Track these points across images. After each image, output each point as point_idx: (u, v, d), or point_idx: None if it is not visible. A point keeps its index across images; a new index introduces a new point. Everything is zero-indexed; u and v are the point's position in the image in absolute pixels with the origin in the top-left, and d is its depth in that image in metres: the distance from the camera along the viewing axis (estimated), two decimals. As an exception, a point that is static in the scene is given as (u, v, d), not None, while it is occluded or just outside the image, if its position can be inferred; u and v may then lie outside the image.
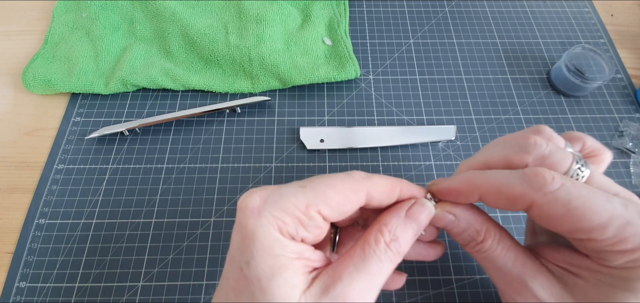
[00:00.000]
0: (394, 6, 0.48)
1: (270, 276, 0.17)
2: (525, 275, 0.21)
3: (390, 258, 0.19)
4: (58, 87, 0.38)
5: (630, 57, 0.44)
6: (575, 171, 0.20)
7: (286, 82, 0.40)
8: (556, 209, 0.19)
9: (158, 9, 0.42)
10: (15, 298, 0.30)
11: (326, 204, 0.19)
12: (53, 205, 0.33)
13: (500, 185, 0.20)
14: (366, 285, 0.18)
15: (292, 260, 0.18)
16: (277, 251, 0.18)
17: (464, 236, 0.22)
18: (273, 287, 0.17)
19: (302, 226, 0.19)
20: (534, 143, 0.20)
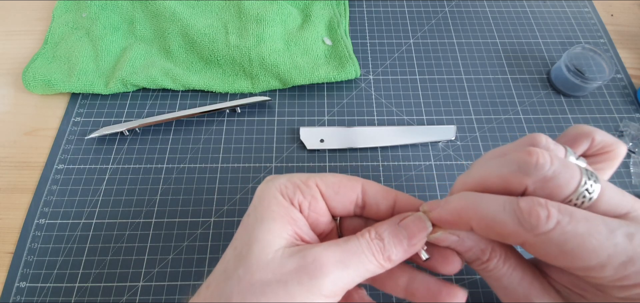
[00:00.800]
0: (394, 6, 0.48)
1: (260, 221, 0.19)
2: (531, 296, 0.20)
3: (372, 251, 0.19)
4: (58, 87, 0.38)
5: (630, 57, 0.44)
6: (582, 193, 0.18)
7: (286, 82, 0.40)
8: (550, 250, 0.17)
9: (158, 9, 0.42)
10: (16, 298, 0.30)
11: (323, 181, 0.21)
12: (53, 205, 0.33)
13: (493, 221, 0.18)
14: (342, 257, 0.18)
15: (283, 217, 0.20)
16: (273, 207, 0.20)
17: (469, 255, 0.21)
18: (258, 230, 0.19)
19: (299, 192, 0.21)
20: (536, 162, 0.18)
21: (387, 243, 0.19)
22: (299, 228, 0.20)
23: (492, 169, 0.20)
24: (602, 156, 0.22)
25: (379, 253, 0.19)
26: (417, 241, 0.20)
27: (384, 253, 0.19)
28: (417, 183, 0.35)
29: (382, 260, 0.19)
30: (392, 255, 0.19)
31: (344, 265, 0.18)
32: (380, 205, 0.22)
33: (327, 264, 0.18)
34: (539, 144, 0.20)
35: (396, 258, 0.20)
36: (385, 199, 0.22)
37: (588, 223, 0.17)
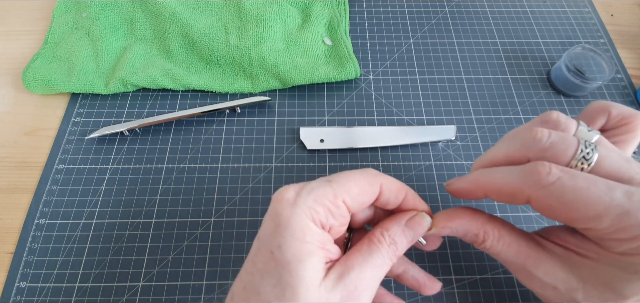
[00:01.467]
0: (394, 6, 0.48)
1: (299, 259, 0.18)
2: (528, 265, 0.22)
3: (389, 256, 0.21)
4: (58, 87, 0.38)
5: (630, 57, 0.44)
6: (580, 159, 0.20)
7: (286, 82, 0.40)
8: (551, 202, 0.20)
9: (158, 9, 0.42)
10: (16, 298, 0.30)
11: (349, 195, 0.21)
12: (53, 205, 0.33)
13: (502, 183, 0.21)
14: (372, 273, 0.20)
15: (318, 248, 0.19)
16: (308, 238, 0.19)
17: (467, 239, 0.24)
18: (301, 269, 0.18)
19: (331, 215, 0.20)
20: (533, 137, 0.21)
21: (399, 246, 0.22)
22: (328, 250, 0.20)
23: (500, 148, 0.23)
24: (622, 128, 0.23)
25: (394, 255, 0.22)
26: (419, 236, 0.23)
27: (396, 254, 0.22)
28: (417, 183, 0.35)
29: (395, 259, 0.22)
30: (399, 250, 0.22)
31: (376, 279, 0.20)
32: (391, 202, 0.23)
33: (365, 284, 0.20)
34: (550, 120, 0.22)
35: (402, 253, 0.22)
36: (397, 198, 0.23)
37: (587, 180, 0.19)
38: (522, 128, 0.23)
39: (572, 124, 0.22)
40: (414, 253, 0.32)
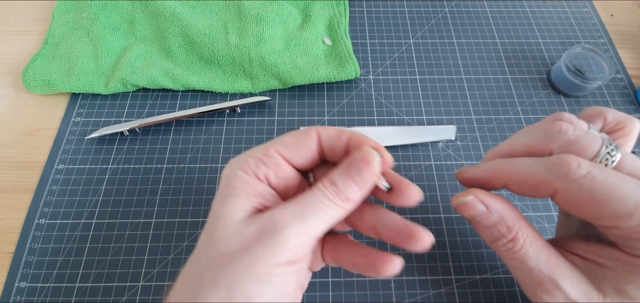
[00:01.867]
0: (394, 6, 0.48)
1: (223, 201, 0.20)
2: (557, 276, 0.21)
3: (327, 197, 0.19)
4: (58, 87, 0.38)
5: (630, 57, 0.44)
6: (604, 156, 0.20)
7: (286, 82, 0.40)
8: (581, 196, 0.19)
9: (158, 9, 0.42)
10: (16, 298, 0.30)
11: (282, 144, 0.22)
12: (53, 205, 0.33)
13: (525, 173, 0.21)
14: (295, 211, 0.19)
15: (247, 192, 0.20)
16: (237, 184, 0.20)
17: (493, 232, 0.22)
18: (222, 209, 0.20)
19: (263, 164, 0.21)
20: (559, 129, 0.21)
21: (341, 186, 0.20)
22: (266, 199, 0.21)
23: (519, 139, 0.23)
24: (618, 132, 0.23)
25: (336, 197, 0.19)
26: (368, 174, 0.20)
27: (340, 195, 0.19)
28: (417, 183, 0.35)
29: (340, 202, 0.19)
30: (349, 195, 0.20)
31: (302, 216, 0.18)
32: (335, 149, 0.22)
33: (285, 219, 0.18)
34: (563, 118, 0.22)
35: (354, 197, 0.20)
36: (339, 141, 0.22)
37: (617, 177, 0.19)
38: (540, 122, 0.23)
39: (583, 125, 0.22)
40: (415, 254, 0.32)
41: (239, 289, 0.17)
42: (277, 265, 0.18)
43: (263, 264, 0.18)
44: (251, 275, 0.17)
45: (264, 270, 0.18)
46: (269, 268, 0.18)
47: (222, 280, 0.17)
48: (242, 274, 0.17)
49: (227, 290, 0.17)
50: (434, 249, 0.32)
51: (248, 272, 0.17)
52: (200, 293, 0.18)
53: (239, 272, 0.17)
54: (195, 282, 0.18)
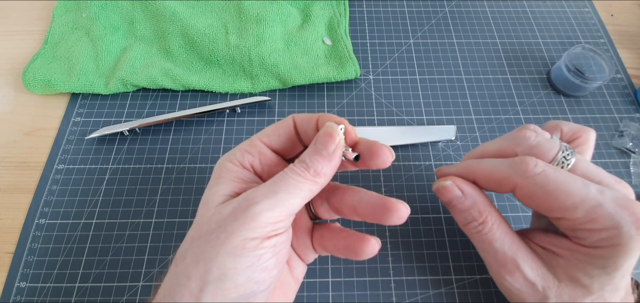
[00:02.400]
0: (394, 6, 0.48)
1: (209, 187, 0.22)
2: (519, 258, 0.23)
3: (297, 172, 0.20)
4: (58, 87, 0.38)
5: (630, 57, 0.44)
6: (560, 159, 0.23)
7: (286, 82, 0.40)
8: (535, 191, 0.22)
9: (158, 9, 0.42)
10: (16, 298, 0.30)
11: (264, 133, 0.24)
12: (53, 205, 0.33)
13: (491, 171, 0.24)
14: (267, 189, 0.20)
15: (231, 180, 0.22)
16: (222, 173, 0.22)
17: (466, 215, 0.25)
18: (207, 195, 0.22)
19: (248, 153, 0.23)
20: (523, 135, 0.24)
21: (309, 161, 0.21)
22: (249, 185, 0.22)
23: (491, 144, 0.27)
24: (575, 141, 0.26)
25: (305, 172, 0.20)
26: (333, 146, 0.21)
27: (309, 170, 0.20)
28: (417, 183, 0.35)
29: (310, 177, 0.20)
30: (318, 168, 0.21)
31: (273, 192, 0.20)
32: (308, 131, 0.23)
33: (257, 196, 0.20)
34: (528, 128, 0.25)
35: (323, 170, 0.21)
36: (310, 122, 0.23)
37: (567, 175, 0.22)
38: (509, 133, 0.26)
39: (547, 135, 0.25)
40: (414, 253, 0.32)
41: (215, 263, 0.18)
42: (251, 239, 0.19)
43: (237, 238, 0.19)
44: (226, 249, 0.19)
45: (238, 243, 0.19)
46: (242, 242, 0.19)
47: (200, 256, 0.19)
48: (218, 249, 0.19)
49: (204, 265, 0.19)
50: (434, 249, 0.32)
51: (223, 246, 0.19)
52: (182, 272, 0.19)
53: (216, 247, 0.19)
54: (179, 261, 0.20)
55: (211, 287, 0.18)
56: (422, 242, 0.32)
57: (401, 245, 0.32)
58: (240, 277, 0.19)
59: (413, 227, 0.33)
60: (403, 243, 0.32)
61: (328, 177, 0.21)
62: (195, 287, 0.18)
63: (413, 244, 0.32)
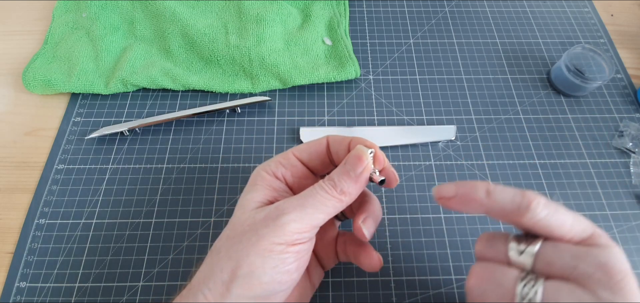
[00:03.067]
0: (394, 6, 0.48)
1: (245, 194, 0.24)
2: None
3: (325, 189, 0.22)
4: (58, 87, 0.38)
5: (630, 57, 0.44)
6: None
7: (286, 82, 0.40)
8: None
9: (158, 9, 0.42)
10: (15, 298, 0.30)
11: (297, 149, 0.26)
12: (53, 205, 0.33)
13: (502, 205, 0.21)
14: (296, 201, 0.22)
15: (264, 187, 0.24)
16: (257, 181, 0.25)
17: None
18: (243, 200, 0.24)
19: (281, 166, 0.25)
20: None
21: (337, 180, 0.23)
22: (280, 194, 0.25)
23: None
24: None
25: (332, 189, 0.22)
26: (361, 168, 0.23)
27: (336, 188, 0.22)
28: (417, 183, 0.35)
29: (336, 195, 0.22)
30: (344, 188, 0.23)
31: (301, 205, 0.22)
32: (339, 151, 0.25)
33: (287, 207, 0.22)
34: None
35: (349, 190, 0.23)
36: (342, 143, 0.25)
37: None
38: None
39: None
40: (414, 253, 0.32)
41: (246, 261, 0.21)
42: (277, 244, 0.21)
43: (266, 241, 0.21)
44: (256, 250, 0.21)
45: (267, 246, 0.21)
46: (270, 246, 0.21)
47: (233, 253, 0.21)
48: (249, 249, 0.21)
49: (236, 261, 0.21)
50: (434, 249, 0.32)
51: (254, 247, 0.21)
52: (216, 264, 0.22)
53: (247, 248, 0.21)
54: (214, 255, 0.22)
55: (240, 281, 0.21)
56: (422, 242, 0.32)
57: (401, 245, 0.32)
58: (265, 275, 0.21)
59: (413, 227, 0.33)
60: (403, 243, 0.32)
61: (353, 197, 0.23)
62: (226, 277, 0.21)
63: (413, 244, 0.32)
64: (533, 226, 0.19)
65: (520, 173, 0.36)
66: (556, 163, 0.37)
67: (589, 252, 0.18)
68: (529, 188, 0.35)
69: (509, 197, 0.19)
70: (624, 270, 0.18)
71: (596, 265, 0.18)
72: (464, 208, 0.21)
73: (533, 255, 0.19)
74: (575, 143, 0.38)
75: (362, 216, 0.25)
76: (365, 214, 0.25)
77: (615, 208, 0.34)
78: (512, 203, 0.19)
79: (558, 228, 0.19)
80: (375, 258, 0.26)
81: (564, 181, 0.36)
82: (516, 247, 0.20)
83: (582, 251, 0.18)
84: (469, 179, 0.23)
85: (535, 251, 0.19)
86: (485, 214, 0.21)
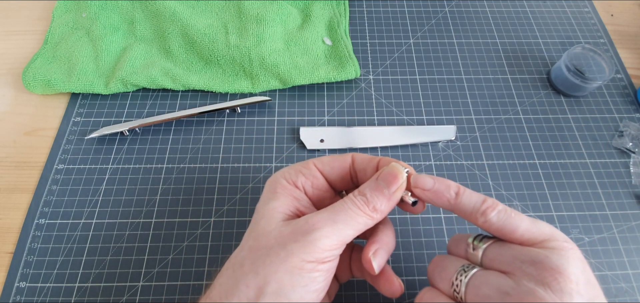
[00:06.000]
0: (394, 6, 0.48)
1: (266, 203, 0.23)
2: None
3: (357, 205, 0.22)
4: (58, 87, 0.38)
5: (630, 57, 0.44)
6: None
7: (286, 82, 0.40)
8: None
9: (158, 9, 0.42)
10: (15, 298, 0.30)
11: (320, 160, 0.25)
12: (53, 205, 0.33)
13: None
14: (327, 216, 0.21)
15: (286, 196, 0.23)
16: (278, 189, 0.23)
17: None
18: (265, 209, 0.23)
19: (302, 175, 0.24)
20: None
21: (369, 197, 0.22)
22: (302, 205, 0.23)
23: None
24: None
25: (364, 206, 0.22)
26: (395, 187, 0.22)
27: (368, 204, 0.22)
28: (417, 183, 0.35)
29: (368, 211, 0.22)
30: (376, 205, 0.22)
31: (333, 221, 0.21)
32: (367, 170, 0.24)
33: (318, 222, 0.21)
34: None
35: (381, 207, 0.22)
36: (370, 163, 0.24)
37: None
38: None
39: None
40: (414, 253, 0.32)
41: (274, 277, 0.20)
42: (308, 262, 0.20)
43: (296, 258, 0.20)
44: (285, 267, 0.20)
45: (297, 264, 0.20)
46: (301, 263, 0.20)
47: (260, 268, 0.20)
48: (277, 265, 0.20)
49: (263, 277, 0.20)
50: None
51: (283, 264, 0.20)
52: (241, 278, 0.20)
53: (275, 263, 0.20)
54: (237, 268, 0.21)
55: (267, 298, 0.19)
56: (422, 242, 0.32)
57: (401, 245, 0.32)
58: (294, 294, 0.20)
59: (413, 227, 0.33)
60: (403, 243, 0.32)
61: (384, 215, 0.22)
62: (252, 294, 0.20)
63: (413, 244, 0.32)
64: (488, 228, 0.21)
65: (520, 173, 0.36)
66: (556, 163, 0.37)
67: (530, 251, 0.20)
68: (529, 188, 0.35)
69: (472, 201, 0.22)
70: (565, 272, 0.18)
71: (530, 262, 0.19)
72: (435, 202, 0.23)
73: (482, 251, 0.22)
74: (575, 143, 0.38)
75: (374, 247, 0.23)
76: (378, 245, 0.23)
77: (615, 208, 0.34)
78: (473, 207, 0.22)
79: (509, 233, 0.21)
80: (396, 284, 0.24)
81: (564, 181, 0.36)
82: (472, 244, 0.22)
83: (524, 250, 0.20)
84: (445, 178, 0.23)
85: (484, 249, 0.22)
86: (451, 211, 0.23)
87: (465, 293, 0.20)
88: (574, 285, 0.18)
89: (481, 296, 0.20)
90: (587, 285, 0.19)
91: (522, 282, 0.19)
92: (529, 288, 0.18)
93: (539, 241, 0.20)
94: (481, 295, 0.20)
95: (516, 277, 0.19)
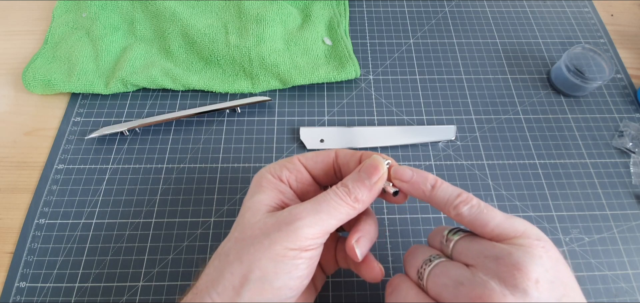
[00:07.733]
0: (394, 6, 0.48)
1: (252, 196, 0.24)
2: None
3: (339, 196, 0.22)
4: (58, 87, 0.38)
5: (630, 57, 0.44)
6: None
7: (286, 82, 0.40)
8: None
9: (158, 9, 0.42)
10: (15, 298, 0.30)
11: (304, 155, 0.26)
12: (53, 205, 0.33)
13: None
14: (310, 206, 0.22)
15: (271, 190, 0.24)
16: (263, 183, 0.24)
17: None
18: (250, 202, 0.23)
19: (286, 169, 0.25)
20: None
21: (351, 187, 0.23)
22: (287, 197, 0.24)
23: None
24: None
25: (346, 196, 0.22)
26: (376, 178, 0.23)
27: (350, 195, 0.22)
28: (417, 183, 0.35)
29: (350, 202, 0.22)
30: (358, 195, 0.23)
31: (316, 211, 0.22)
32: (350, 164, 0.25)
33: (301, 212, 0.21)
34: None
35: (363, 197, 0.23)
36: (353, 157, 0.25)
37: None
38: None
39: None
40: (414, 253, 0.32)
41: (258, 265, 0.21)
42: (291, 250, 0.21)
43: (279, 247, 0.21)
44: (268, 255, 0.21)
45: (280, 251, 0.21)
46: (284, 251, 0.21)
47: (245, 257, 0.21)
48: (261, 253, 0.21)
49: (248, 265, 0.21)
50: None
51: (266, 252, 0.21)
52: (226, 267, 0.21)
53: (259, 252, 0.21)
54: (223, 258, 0.22)
55: (251, 285, 0.20)
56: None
57: (401, 245, 0.32)
58: (278, 280, 0.21)
59: (413, 227, 0.33)
60: (403, 243, 0.32)
61: (366, 205, 0.23)
62: (237, 282, 0.21)
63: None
64: (460, 221, 0.22)
65: (520, 173, 0.36)
66: (556, 163, 0.37)
67: (496, 247, 0.20)
68: (529, 188, 0.35)
69: (447, 195, 0.23)
70: (524, 268, 0.18)
71: (493, 257, 0.20)
72: (413, 193, 0.24)
73: (453, 244, 0.22)
74: (575, 143, 0.38)
75: (357, 236, 0.24)
76: (360, 233, 0.24)
77: (615, 208, 0.34)
78: (447, 200, 0.23)
79: (480, 227, 0.21)
80: (377, 269, 0.25)
81: (564, 181, 0.36)
82: (446, 236, 0.23)
83: (490, 245, 0.21)
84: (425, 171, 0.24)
85: (455, 241, 0.22)
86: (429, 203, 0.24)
87: (426, 282, 0.21)
88: (532, 283, 0.18)
89: (439, 285, 0.21)
90: (551, 284, 0.19)
91: (478, 274, 0.19)
92: (482, 280, 0.19)
93: (511, 237, 0.21)
94: (439, 284, 0.21)
95: (476, 269, 0.20)
